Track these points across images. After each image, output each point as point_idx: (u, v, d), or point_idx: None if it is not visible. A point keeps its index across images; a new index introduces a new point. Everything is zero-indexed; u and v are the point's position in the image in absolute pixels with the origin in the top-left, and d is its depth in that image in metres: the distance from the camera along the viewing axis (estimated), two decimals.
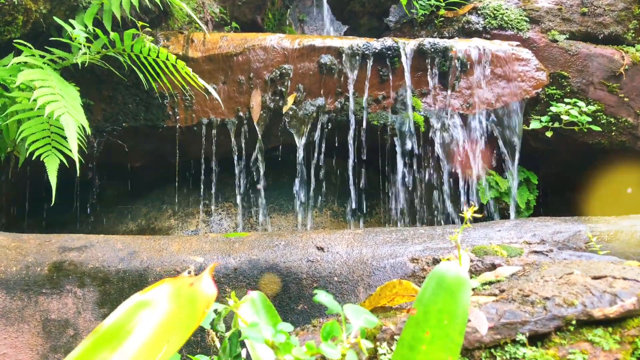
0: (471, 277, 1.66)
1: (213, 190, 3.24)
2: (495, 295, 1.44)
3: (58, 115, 2.24)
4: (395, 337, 1.17)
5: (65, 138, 2.35)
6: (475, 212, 1.26)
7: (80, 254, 1.78)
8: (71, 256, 1.77)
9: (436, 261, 1.75)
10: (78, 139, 2.37)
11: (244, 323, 1.00)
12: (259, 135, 3.11)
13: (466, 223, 1.25)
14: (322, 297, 0.93)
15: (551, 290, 1.37)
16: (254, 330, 0.93)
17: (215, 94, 2.88)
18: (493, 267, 1.68)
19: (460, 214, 1.42)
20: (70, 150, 2.28)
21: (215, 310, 1.00)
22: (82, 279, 1.73)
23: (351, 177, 3.22)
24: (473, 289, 1.44)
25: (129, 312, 0.78)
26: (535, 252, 1.83)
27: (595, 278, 1.45)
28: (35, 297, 1.70)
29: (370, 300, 1.52)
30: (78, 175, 2.32)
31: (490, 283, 1.46)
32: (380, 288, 1.51)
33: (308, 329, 1.31)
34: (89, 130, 2.42)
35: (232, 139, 3.11)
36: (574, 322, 1.27)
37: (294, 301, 1.73)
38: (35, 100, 2.25)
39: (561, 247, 1.94)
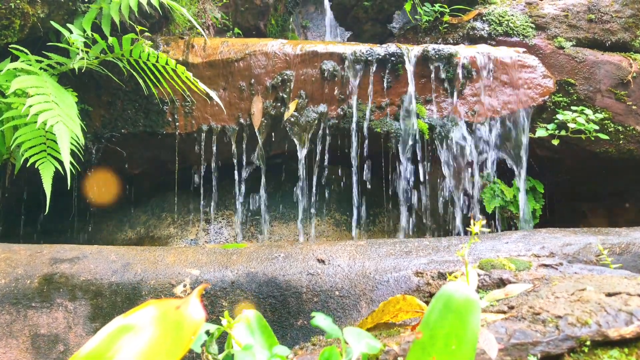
0: (478, 292, 1.59)
1: (213, 198, 3.18)
2: (504, 312, 1.37)
3: (51, 124, 2.18)
4: (399, 358, 1.10)
5: None
6: (482, 226, 1.19)
7: (72, 265, 1.72)
8: (62, 268, 1.71)
9: (441, 275, 1.68)
10: (73, 146, 2.32)
11: (238, 345, 0.94)
12: (260, 142, 3.06)
13: (474, 237, 1.19)
14: (321, 320, 0.87)
15: (563, 308, 1.30)
16: (247, 353, 0.86)
17: (217, 99, 2.83)
18: (501, 281, 1.61)
19: (467, 228, 1.37)
20: None
21: (207, 332, 0.94)
22: (74, 292, 1.66)
23: (354, 185, 3.16)
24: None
25: (110, 338, 0.72)
26: (545, 265, 1.76)
27: (609, 295, 1.38)
28: (24, 311, 1.63)
29: (372, 316, 1.46)
30: (69, 186, 2.26)
31: (499, 300, 1.40)
32: (384, 304, 1.44)
33: (307, 347, 1.24)
34: (83, 140, 2.36)
35: (233, 146, 3.06)
36: (588, 342, 1.20)
37: (294, 316, 1.66)
38: (29, 107, 2.19)
39: (571, 260, 1.87)
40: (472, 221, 1.14)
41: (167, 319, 0.72)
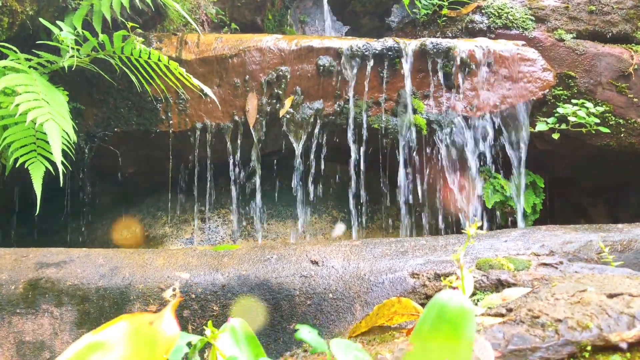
0: (475, 294, 1.55)
1: (208, 197, 3.14)
2: (502, 315, 1.33)
3: (41, 122, 2.14)
4: None
5: None
6: (478, 227, 1.15)
7: (59, 270, 1.67)
8: (48, 273, 1.66)
9: (438, 276, 1.64)
10: (64, 145, 2.27)
11: (222, 357, 0.90)
12: (255, 140, 3.01)
13: (469, 240, 1.15)
14: (305, 334, 0.82)
15: (563, 310, 1.25)
16: None
17: (211, 95, 2.77)
18: (499, 282, 1.57)
19: (463, 230, 1.33)
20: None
21: (189, 343, 0.90)
22: (60, 298, 1.62)
23: (351, 182, 3.11)
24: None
25: (79, 356, 0.67)
26: (544, 264, 1.72)
27: (610, 296, 1.33)
28: (8, 318, 1.59)
29: (367, 320, 1.41)
30: (62, 184, 2.22)
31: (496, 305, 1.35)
32: (378, 307, 1.40)
33: (298, 355, 1.20)
34: (74, 138, 2.32)
35: (228, 144, 3.01)
36: (589, 347, 1.16)
37: (286, 320, 1.62)
38: (17, 106, 2.15)
39: (572, 258, 1.83)
40: (467, 223, 1.10)
41: (139, 335, 0.68)
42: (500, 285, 1.56)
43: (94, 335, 0.70)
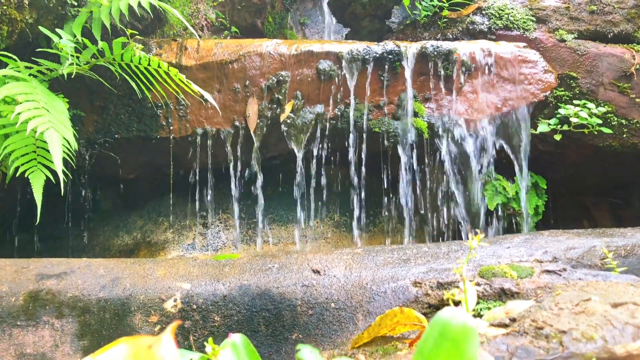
0: (479, 303, 1.54)
1: (210, 202, 3.13)
2: (506, 325, 1.32)
3: (42, 130, 2.13)
4: None
5: None
6: (481, 240, 1.14)
7: (59, 281, 1.67)
8: (49, 284, 1.66)
9: (441, 285, 1.62)
10: (65, 153, 2.27)
11: None
12: (256, 145, 3.00)
13: (471, 253, 1.13)
14: (306, 354, 0.82)
15: (567, 321, 1.24)
16: None
17: (212, 100, 2.77)
18: (502, 291, 1.56)
19: (466, 243, 1.32)
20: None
21: None
22: (61, 309, 1.61)
23: (353, 186, 3.10)
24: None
25: None
26: (548, 271, 1.71)
27: (615, 306, 1.32)
28: (9, 330, 1.58)
29: (369, 330, 1.41)
30: (62, 193, 2.22)
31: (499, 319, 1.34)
32: (380, 317, 1.39)
33: None
34: (75, 146, 2.31)
35: (229, 149, 3.00)
36: (593, 359, 1.15)
37: (288, 330, 1.61)
38: (18, 115, 2.14)
39: (575, 265, 1.82)
40: (470, 235, 1.09)
41: (138, 359, 0.67)
42: (503, 294, 1.55)
43: (93, 359, 0.70)
